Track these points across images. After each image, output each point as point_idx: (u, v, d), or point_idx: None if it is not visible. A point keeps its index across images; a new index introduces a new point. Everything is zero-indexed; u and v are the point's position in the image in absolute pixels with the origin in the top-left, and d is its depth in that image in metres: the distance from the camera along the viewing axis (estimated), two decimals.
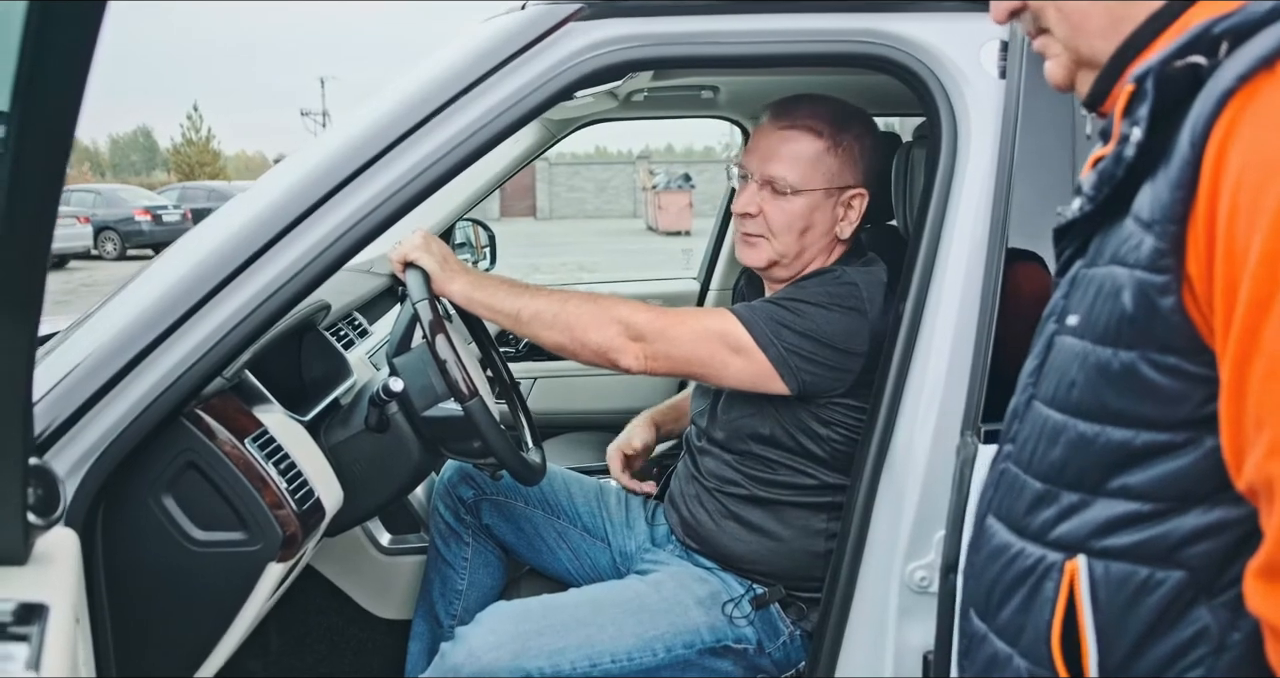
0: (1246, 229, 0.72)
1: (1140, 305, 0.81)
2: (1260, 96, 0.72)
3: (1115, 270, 0.84)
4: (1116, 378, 0.84)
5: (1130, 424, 0.83)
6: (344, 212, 1.49)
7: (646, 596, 1.76)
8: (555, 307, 1.71)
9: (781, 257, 1.81)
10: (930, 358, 1.50)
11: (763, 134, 1.83)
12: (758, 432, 1.78)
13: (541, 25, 1.51)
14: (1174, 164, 0.78)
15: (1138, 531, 0.82)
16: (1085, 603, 0.85)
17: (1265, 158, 0.71)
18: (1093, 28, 0.94)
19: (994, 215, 1.47)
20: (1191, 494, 0.80)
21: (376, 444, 1.82)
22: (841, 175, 1.80)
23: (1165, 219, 0.78)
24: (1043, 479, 0.92)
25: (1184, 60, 0.80)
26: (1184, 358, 0.79)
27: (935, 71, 1.53)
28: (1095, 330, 0.86)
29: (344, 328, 2.47)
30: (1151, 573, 0.82)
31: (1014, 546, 0.94)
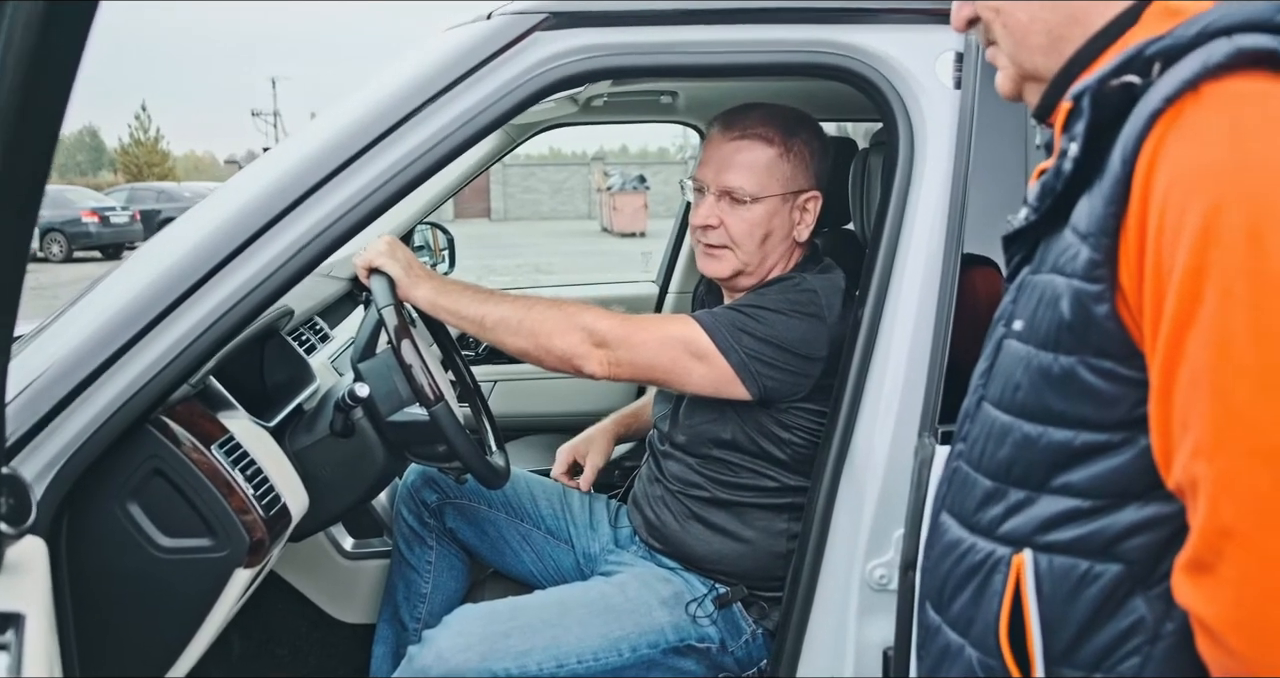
0: (1171, 244, 0.76)
1: (1077, 313, 0.86)
2: (1184, 117, 0.77)
3: (1055, 279, 0.89)
4: (1057, 381, 0.88)
5: (1071, 425, 0.88)
6: (313, 217, 1.49)
7: (612, 596, 1.78)
8: (520, 313, 1.73)
9: (746, 265, 1.84)
10: (889, 361, 1.54)
11: (714, 146, 1.85)
12: (719, 436, 1.81)
13: (507, 35, 1.52)
14: (1107, 179, 0.82)
15: (1078, 526, 0.87)
16: (1031, 595, 0.90)
17: (1188, 176, 0.76)
18: (1033, 45, 1.00)
19: (950, 221, 1.51)
20: (1128, 491, 0.84)
21: (342, 449, 1.83)
22: (795, 180, 1.84)
23: (1099, 232, 0.83)
24: (991, 477, 0.96)
25: (1119, 80, 0.84)
26: (1119, 362, 0.83)
27: (892, 82, 1.57)
28: (1037, 336, 0.91)
29: (305, 333, 2.47)
30: (1091, 566, 0.86)
31: (965, 541, 0.98)
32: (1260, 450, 0.72)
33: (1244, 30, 0.78)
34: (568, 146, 54.75)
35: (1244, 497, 0.73)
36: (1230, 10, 0.80)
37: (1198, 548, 0.76)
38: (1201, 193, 0.74)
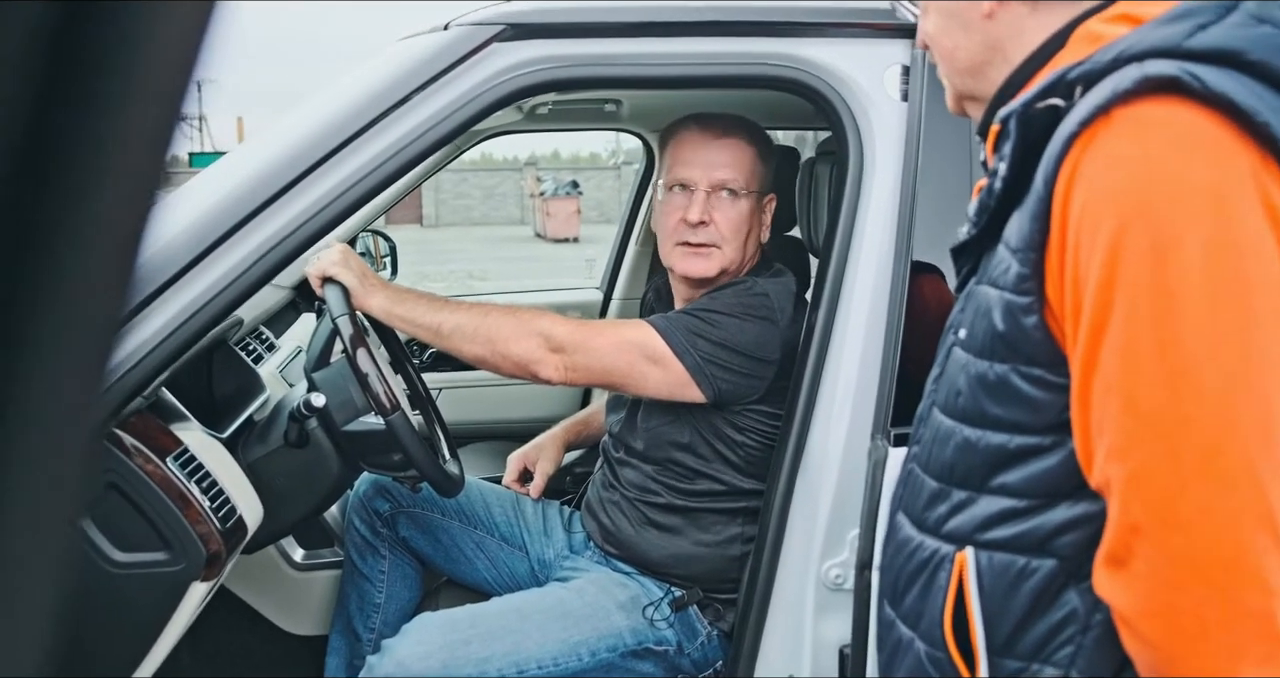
0: (1087, 260, 0.81)
1: (1008, 323, 0.91)
2: (1097, 140, 0.82)
3: (989, 291, 0.94)
4: (993, 388, 0.93)
5: (1006, 429, 0.93)
6: (271, 227, 1.49)
7: (570, 602, 1.80)
8: (476, 320, 1.74)
9: (730, 263, 1.88)
10: (841, 366, 1.58)
11: (697, 145, 1.88)
12: (677, 440, 1.84)
13: (464, 46, 1.54)
14: (1032, 198, 0.88)
15: (1015, 524, 0.92)
16: (973, 590, 0.95)
17: (1099, 197, 0.81)
18: (960, 70, 1.06)
19: (899, 230, 1.56)
20: (1059, 490, 0.89)
21: (296, 460, 1.82)
22: (765, 181, 1.92)
23: (1026, 247, 0.88)
24: (937, 478, 1.01)
25: (1044, 102, 0.89)
26: (1047, 370, 0.89)
27: (842, 94, 1.61)
28: (975, 344, 0.96)
29: (252, 343, 2.44)
30: (1028, 562, 0.91)
31: (915, 539, 1.03)
32: (1165, 452, 0.77)
33: (1154, 56, 0.82)
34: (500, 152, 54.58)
35: (1150, 496, 0.78)
36: (1143, 37, 0.85)
37: (1112, 544, 0.81)
38: (1111, 212, 0.79)
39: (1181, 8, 0.87)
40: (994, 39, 1.02)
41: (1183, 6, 0.88)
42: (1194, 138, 0.78)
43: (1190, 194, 0.77)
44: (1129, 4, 0.94)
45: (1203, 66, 0.80)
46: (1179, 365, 0.77)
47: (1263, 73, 0.82)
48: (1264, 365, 0.77)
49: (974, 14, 1.02)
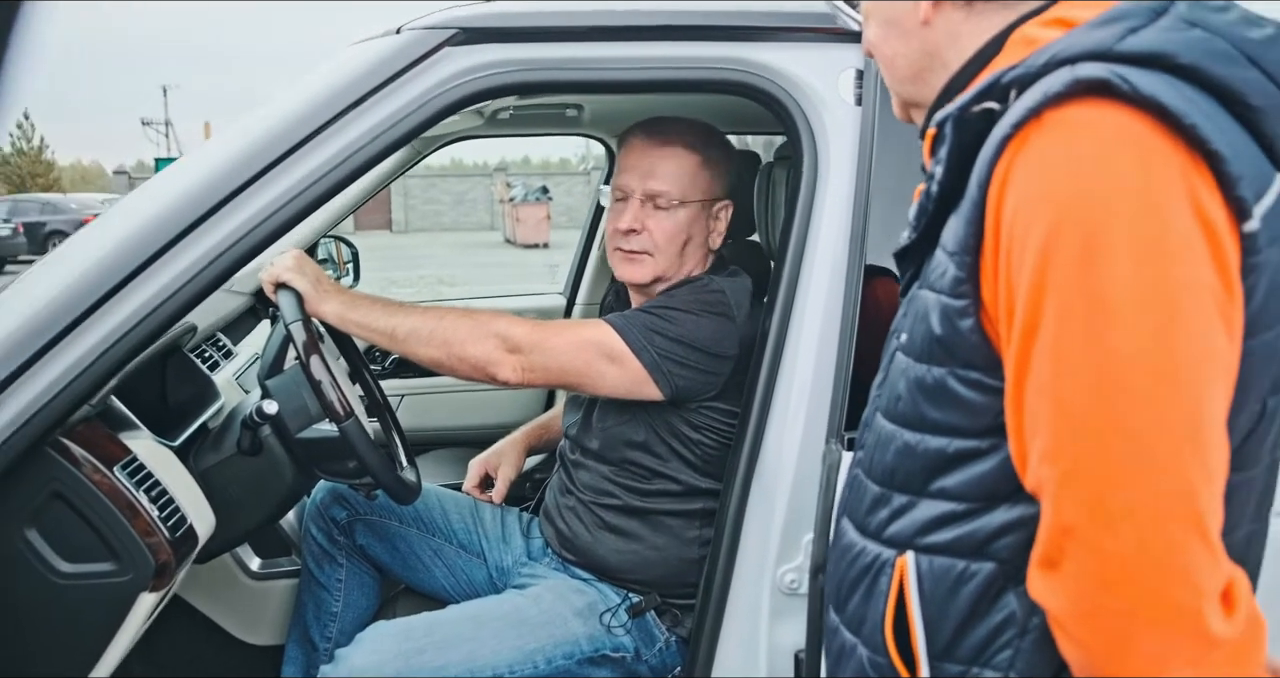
0: (1019, 263, 0.82)
1: (945, 327, 0.91)
2: (1029, 144, 0.82)
3: (928, 295, 0.95)
4: (931, 391, 0.94)
5: (944, 433, 0.93)
6: (220, 233, 1.47)
7: (525, 609, 1.79)
8: (431, 323, 1.73)
9: (665, 271, 1.87)
10: (796, 369, 1.58)
11: (638, 152, 1.88)
12: (632, 438, 1.83)
13: (416, 50, 1.53)
14: (967, 201, 0.88)
15: (954, 528, 0.92)
16: (913, 594, 0.95)
17: (1031, 200, 0.81)
18: (901, 76, 1.07)
19: (853, 233, 1.56)
20: (997, 494, 0.90)
21: (249, 468, 1.80)
22: (713, 188, 1.89)
23: (961, 250, 0.88)
24: (879, 483, 1.01)
25: (980, 106, 0.89)
26: (984, 373, 0.89)
27: (796, 98, 1.61)
28: (914, 348, 0.97)
29: (208, 349, 2.42)
30: (967, 565, 0.91)
31: (858, 544, 1.03)
32: (1094, 454, 0.77)
33: (1086, 59, 0.82)
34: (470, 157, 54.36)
35: (1081, 497, 0.78)
36: (1075, 40, 0.85)
37: (1045, 546, 0.81)
38: (1041, 215, 0.80)
39: (1113, 11, 0.88)
40: (932, 45, 1.02)
41: (1115, 10, 0.88)
42: (1123, 140, 0.78)
43: (1119, 196, 0.77)
44: (1064, 8, 0.94)
45: (1133, 69, 0.80)
46: (1107, 367, 0.77)
47: (1193, 76, 0.82)
48: (1194, 367, 0.77)
49: (911, 21, 1.03)
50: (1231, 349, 0.81)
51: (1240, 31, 0.87)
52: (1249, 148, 0.84)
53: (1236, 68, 0.84)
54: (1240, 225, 0.80)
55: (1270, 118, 0.85)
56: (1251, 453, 0.90)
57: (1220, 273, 0.79)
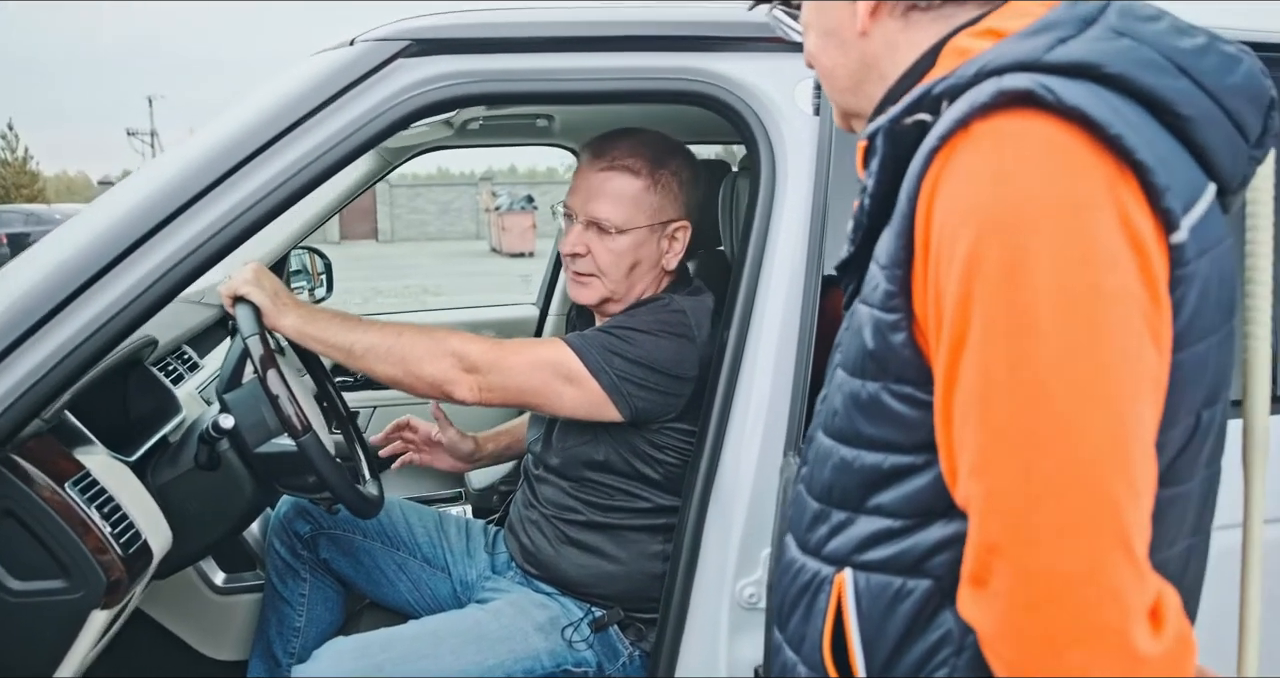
0: (947, 276, 0.80)
1: (877, 341, 0.90)
2: (956, 155, 0.81)
3: (862, 308, 0.94)
4: (865, 407, 0.92)
5: (880, 449, 0.92)
6: (174, 244, 1.45)
7: (486, 624, 1.77)
8: (389, 340, 1.71)
9: (613, 293, 1.86)
10: (754, 381, 1.57)
11: (583, 175, 1.86)
12: (593, 458, 1.81)
13: (369, 61, 1.51)
14: (897, 214, 0.87)
15: (891, 544, 0.91)
16: (851, 612, 0.93)
17: (957, 211, 0.80)
18: (840, 87, 1.06)
19: (810, 244, 1.55)
20: (933, 510, 0.88)
21: (208, 482, 1.78)
22: (663, 210, 1.85)
23: (893, 264, 0.87)
24: (818, 499, 1.00)
25: (912, 118, 0.88)
26: (917, 388, 0.88)
27: (754, 108, 1.60)
28: (849, 363, 0.96)
29: (173, 362, 2.40)
30: (904, 583, 0.90)
31: (799, 560, 1.02)
32: (1019, 469, 0.76)
33: (1015, 70, 0.81)
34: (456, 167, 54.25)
35: (1006, 514, 0.77)
36: (1005, 51, 0.84)
37: (972, 564, 0.80)
38: (967, 227, 0.78)
39: (1043, 21, 0.87)
40: (869, 56, 1.01)
41: (1045, 20, 0.88)
42: (1048, 151, 0.78)
43: (1043, 207, 0.76)
44: (997, 18, 0.94)
45: (1059, 79, 0.79)
46: (1031, 381, 0.76)
47: (1122, 86, 0.82)
48: (1120, 381, 0.76)
49: (849, 32, 1.02)
50: (1160, 363, 0.80)
51: (1170, 41, 0.86)
52: (1179, 158, 0.83)
53: (1165, 77, 0.84)
54: (1168, 236, 0.80)
55: (1201, 127, 0.85)
56: (1186, 467, 0.89)
57: (1147, 285, 0.78)
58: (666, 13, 1.62)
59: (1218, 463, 0.97)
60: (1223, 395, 0.92)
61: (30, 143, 50.70)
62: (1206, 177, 0.86)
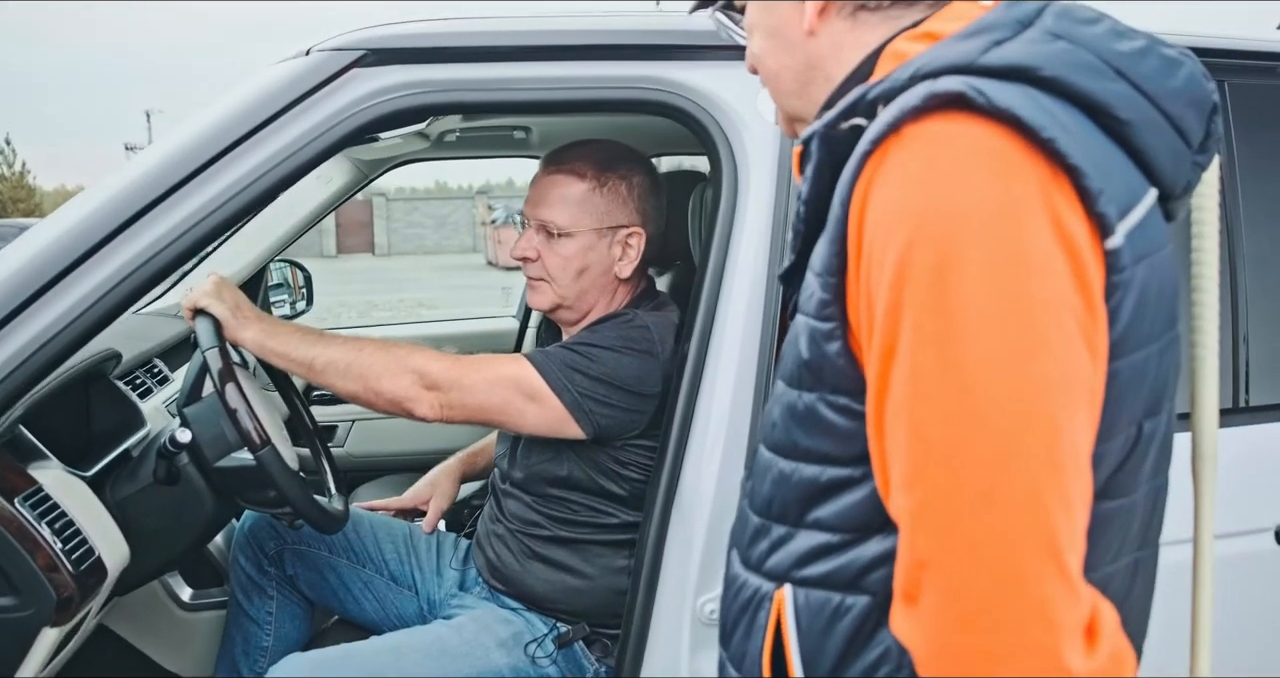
0: (878, 282, 0.78)
1: (812, 350, 0.88)
2: (888, 158, 0.79)
3: (799, 318, 0.91)
4: (802, 418, 0.90)
5: (817, 461, 0.89)
6: (126, 255, 1.43)
7: (447, 639, 1.75)
8: (349, 356, 1.69)
9: (563, 299, 1.84)
10: (715, 395, 1.54)
11: (535, 181, 1.86)
12: (556, 474, 1.79)
13: (324, 71, 1.50)
14: (830, 220, 0.85)
15: (829, 560, 0.89)
16: (791, 629, 0.91)
17: (888, 215, 0.78)
18: (785, 90, 1.04)
19: (772, 255, 1.54)
20: (870, 524, 0.86)
21: (167, 497, 1.76)
22: (611, 215, 1.83)
23: (826, 271, 0.85)
24: (759, 513, 0.98)
25: (848, 122, 0.87)
26: (852, 398, 0.85)
27: (716, 117, 1.58)
28: (786, 373, 0.94)
29: (141, 376, 2.38)
30: (843, 599, 0.88)
31: (741, 576, 1.00)
32: (948, 481, 0.74)
33: (949, 73, 0.80)
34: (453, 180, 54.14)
35: (935, 527, 0.74)
36: (939, 54, 0.83)
37: (903, 579, 0.78)
38: (898, 232, 0.76)
39: (979, 24, 0.86)
40: (815, 58, 1.00)
41: (981, 23, 0.86)
42: (979, 154, 0.76)
43: (973, 211, 0.74)
44: (936, 21, 0.92)
45: (992, 82, 0.78)
46: (961, 390, 0.73)
47: (1058, 89, 0.80)
48: (1052, 390, 0.73)
49: (796, 33, 1.00)
50: (1095, 371, 0.78)
51: (1108, 44, 0.85)
52: (1117, 162, 0.82)
53: (1103, 80, 0.82)
54: (1103, 242, 0.78)
55: (1141, 131, 0.83)
56: (1128, 480, 0.87)
57: (1081, 291, 0.76)
58: (626, 22, 1.61)
59: (1164, 475, 0.95)
60: (1166, 406, 0.90)
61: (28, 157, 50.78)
62: (1147, 182, 0.85)
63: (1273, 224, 1.75)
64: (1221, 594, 1.13)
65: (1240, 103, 1.74)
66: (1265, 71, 1.78)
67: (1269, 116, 1.78)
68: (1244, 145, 1.74)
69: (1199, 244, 1.04)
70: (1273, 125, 1.78)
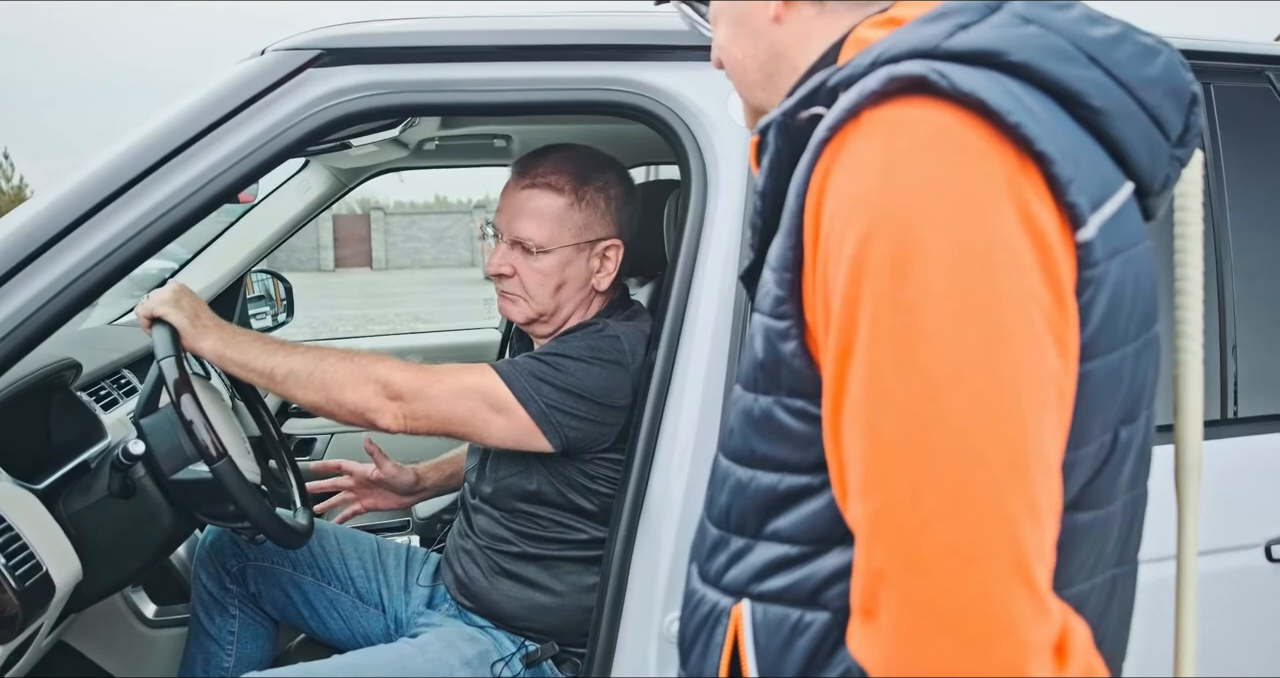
0: (835, 276, 0.73)
1: (767, 351, 0.83)
2: (846, 146, 0.74)
3: (755, 317, 0.86)
4: (758, 423, 0.85)
5: (775, 469, 0.84)
6: (71, 259, 1.39)
7: (411, 658, 1.68)
8: (310, 365, 1.64)
9: (540, 314, 1.79)
10: (684, 402, 1.49)
11: (508, 193, 1.80)
12: (524, 488, 1.74)
13: (279, 71, 1.46)
14: (786, 213, 0.80)
15: (787, 573, 0.83)
16: (748, 647, 0.85)
17: (845, 206, 0.73)
18: (750, 81, 0.99)
19: (742, 258, 1.49)
20: (830, 536, 0.81)
21: (122, 511, 1.70)
22: (590, 228, 1.78)
23: (782, 267, 0.80)
24: (717, 525, 0.93)
25: (807, 111, 0.82)
26: (810, 401, 0.80)
27: (685, 120, 1.54)
28: (743, 376, 0.89)
29: (108, 387, 2.32)
30: (801, 615, 0.82)
31: (699, 591, 0.94)
32: (906, 487, 0.68)
33: (912, 57, 0.75)
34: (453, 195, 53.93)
35: (892, 537, 0.69)
36: (902, 39, 0.78)
37: (860, 593, 0.72)
38: (855, 222, 0.71)
39: (944, 7, 0.81)
40: (782, 45, 0.95)
41: (945, 6, 0.81)
42: (942, 139, 0.71)
43: (935, 199, 0.69)
44: (900, 7, 0.88)
45: (955, 66, 0.73)
46: (921, 390, 0.68)
47: (1027, 75, 0.75)
48: (1018, 390, 0.68)
49: (762, 19, 0.95)
50: (1065, 372, 0.72)
51: (1080, 29, 0.80)
52: (1089, 152, 0.77)
53: (1075, 66, 0.77)
54: (1074, 234, 0.73)
55: (1115, 120, 0.78)
56: (1104, 490, 0.82)
57: (1050, 286, 0.71)
58: (591, 21, 1.57)
59: (1142, 486, 0.90)
60: (1144, 412, 0.85)
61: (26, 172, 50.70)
62: (1123, 175, 0.80)
63: (1260, 231, 1.70)
64: (1206, 613, 1.08)
65: (1226, 106, 1.69)
66: (1251, 75, 1.74)
67: (1255, 120, 1.73)
68: (1230, 150, 1.69)
69: (1182, 244, 0.99)
70: (1259, 129, 1.73)
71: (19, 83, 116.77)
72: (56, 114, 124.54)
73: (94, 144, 61.45)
